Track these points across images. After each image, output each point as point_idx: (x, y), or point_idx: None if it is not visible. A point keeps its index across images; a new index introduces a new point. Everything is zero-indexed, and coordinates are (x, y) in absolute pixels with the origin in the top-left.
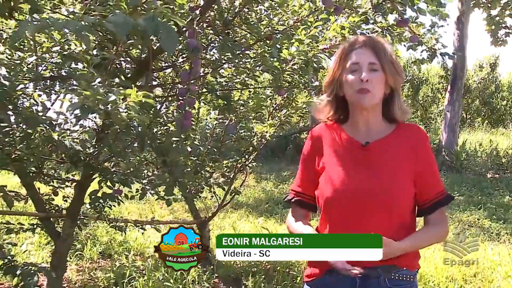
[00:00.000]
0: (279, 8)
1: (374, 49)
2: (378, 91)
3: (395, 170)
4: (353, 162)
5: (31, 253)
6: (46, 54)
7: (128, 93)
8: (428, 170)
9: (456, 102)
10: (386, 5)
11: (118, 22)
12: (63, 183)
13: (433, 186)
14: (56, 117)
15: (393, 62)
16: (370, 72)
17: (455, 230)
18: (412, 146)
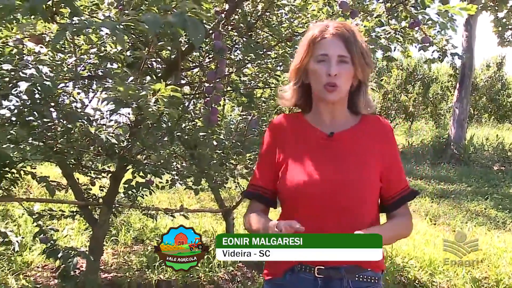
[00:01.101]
0: (299, 12)
1: (345, 40)
2: (345, 85)
3: (361, 161)
4: (317, 153)
5: (71, 238)
6: (84, 56)
7: (158, 88)
8: (394, 164)
9: (464, 99)
10: (399, 8)
11: (150, 20)
12: (100, 174)
13: (398, 181)
14: (93, 113)
15: (363, 53)
16: (339, 65)
17: (463, 219)
18: (378, 139)
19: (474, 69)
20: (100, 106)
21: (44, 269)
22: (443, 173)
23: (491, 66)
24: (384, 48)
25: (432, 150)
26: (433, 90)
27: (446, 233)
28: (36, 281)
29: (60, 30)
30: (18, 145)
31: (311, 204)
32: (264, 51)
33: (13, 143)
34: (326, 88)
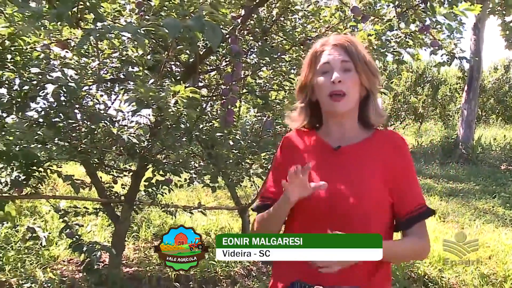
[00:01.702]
0: (312, 17)
1: (345, 48)
2: (353, 94)
3: (367, 176)
4: (323, 166)
5: (95, 234)
6: (107, 59)
7: (177, 89)
8: (407, 180)
9: (472, 100)
10: (409, 13)
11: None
12: (121, 173)
13: (411, 198)
14: (115, 114)
15: (367, 62)
16: (343, 73)
17: (471, 217)
18: (388, 154)
19: (482, 71)
20: (122, 108)
21: (70, 262)
22: (451, 172)
23: (499, 69)
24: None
25: (441, 150)
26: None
27: (454, 230)
28: (62, 274)
29: (85, 35)
30: (45, 145)
31: (312, 217)
32: (279, 55)
33: (41, 143)
34: (332, 98)
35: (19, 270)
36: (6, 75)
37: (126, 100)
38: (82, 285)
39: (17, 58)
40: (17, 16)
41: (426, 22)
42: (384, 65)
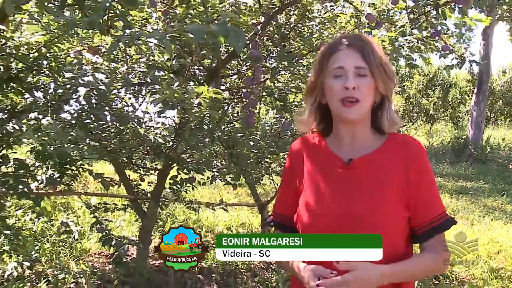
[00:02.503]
0: (328, 23)
1: (361, 50)
2: (367, 100)
3: (382, 191)
4: (332, 183)
5: (123, 228)
6: (135, 64)
7: (201, 90)
8: (424, 190)
9: (482, 102)
10: (421, 19)
11: (195, 29)
12: (148, 171)
13: (429, 209)
14: (142, 116)
15: (383, 64)
16: (357, 78)
17: (480, 214)
18: (404, 162)
19: (491, 75)
20: (149, 109)
21: (100, 255)
22: (461, 171)
23: (507, 72)
24: (407, 56)
25: (451, 150)
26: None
27: (464, 226)
28: (93, 266)
29: (114, 41)
30: (77, 145)
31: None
32: (297, 59)
33: (73, 144)
34: (344, 104)
35: (54, 262)
36: (42, 79)
37: (152, 102)
38: (112, 276)
39: (52, 64)
40: (53, 24)
41: (437, 27)
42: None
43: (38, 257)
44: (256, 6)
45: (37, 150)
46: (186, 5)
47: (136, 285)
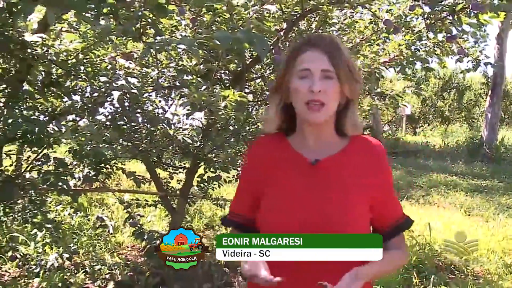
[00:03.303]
0: (347, 29)
1: (328, 52)
2: (333, 103)
3: (350, 192)
4: (300, 185)
5: (154, 223)
6: (164, 69)
7: (227, 94)
8: (387, 193)
9: (496, 104)
10: (437, 24)
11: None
12: (177, 170)
13: (392, 210)
14: (172, 117)
15: (350, 66)
16: (323, 80)
17: (495, 211)
18: (368, 164)
19: (505, 78)
20: (178, 112)
21: (133, 248)
22: (476, 170)
23: None
24: (423, 60)
25: (466, 150)
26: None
27: (479, 223)
28: (127, 258)
29: (146, 48)
30: (111, 145)
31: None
32: None
33: (107, 144)
34: (309, 107)
35: (90, 254)
36: (79, 84)
37: (181, 105)
38: (144, 268)
39: (89, 69)
40: (90, 32)
41: (453, 32)
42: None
43: (76, 249)
44: (279, 13)
45: (74, 149)
46: (213, 12)
47: (166, 277)
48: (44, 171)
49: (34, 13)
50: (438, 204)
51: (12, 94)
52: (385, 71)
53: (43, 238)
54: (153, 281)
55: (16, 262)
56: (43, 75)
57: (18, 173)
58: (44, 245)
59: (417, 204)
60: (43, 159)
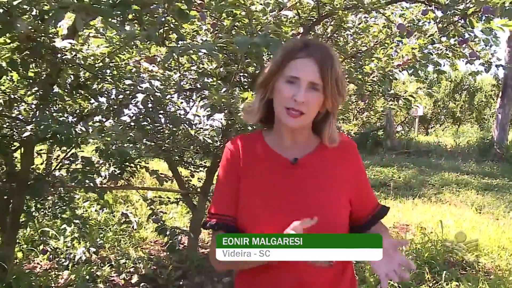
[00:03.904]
0: (362, 33)
1: (320, 64)
2: (312, 113)
3: (330, 188)
4: (279, 183)
5: (176, 220)
6: (186, 72)
7: (246, 96)
8: (362, 185)
9: (506, 105)
10: (449, 28)
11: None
12: (198, 168)
13: (368, 200)
14: (193, 118)
15: (337, 81)
16: (308, 91)
17: (505, 209)
18: (344, 161)
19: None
20: (199, 113)
21: (156, 243)
22: (487, 169)
23: None
24: (435, 63)
25: (477, 150)
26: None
27: (490, 221)
28: (150, 253)
29: (169, 52)
30: (135, 145)
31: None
32: None
33: (132, 143)
34: (288, 112)
35: (116, 248)
36: (105, 86)
37: (202, 106)
38: (166, 262)
39: (114, 72)
40: (115, 37)
41: (464, 35)
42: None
43: (102, 244)
44: (295, 18)
45: (101, 149)
46: (232, 18)
47: (187, 271)
48: (72, 169)
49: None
50: (450, 202)
51: (43, 96)
52: (398, 74)
53: (71, 233)
54: (175, 275)
55: (47, 255)
56: (72, 78)
57: (48, 171)
58: (73, 240)
59: (430, 202)
60: (71, 158)
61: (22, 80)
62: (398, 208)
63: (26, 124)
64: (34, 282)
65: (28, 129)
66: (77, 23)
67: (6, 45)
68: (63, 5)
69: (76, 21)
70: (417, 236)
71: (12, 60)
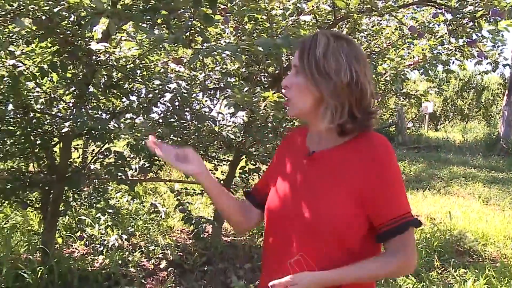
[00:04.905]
0: (375, 35)
1: (302, 46)
2: (300, 100)
3: (333, 187)
4: (297, 173)
5: (201, 210)
6: (211, 72)
7: (267, 95)
8: (382, 189)
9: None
10: (458, 30)
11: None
12: (221, 162)
13: (387, 209)
14: (217, 115)
15: (318, 62)
16: (292, 76)
17: (511, 201)
18: (364, 160)
19: None
20: (222, 110)
21: (182, 232)
22: (493, 163)
23: None
24: (444, 63)
25: (484, 145)
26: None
27: (496, 212)
28: (177, 240)
29: (195, 54)
30: (163, 140)
31: (277, 232)
32: None
33: (160, 139)
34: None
35: (145, 236)
36: (136, 86)
37: (226, 105)
38: (192, 249)
39: (144, 73)
40: (145, 40)
41: (473, 37)
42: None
43: (133, 232)
44: (313, 21)
45: (131, 144)
46: (254, 22)
47: (211, 257)
48: (106, 163)
49: (99, 24)
50: (458, 194)
51: (79, 95)
52: (410, 73)
53: (105, 221)
54: (200, 261)
55: (84, 241)
56: (106, 78)
57: (84, 164)
58: (106, 227)
59: (439, 194)
60: (105, 152)
61: (61, 80)
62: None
63: (64, 121)
64: (72, 265)
65: (66, 126)
66: (111, 27)
67: (48, 49)
68: (98, 11)
69: (109, 25)
70: (427, 226)
71: (52, 63)
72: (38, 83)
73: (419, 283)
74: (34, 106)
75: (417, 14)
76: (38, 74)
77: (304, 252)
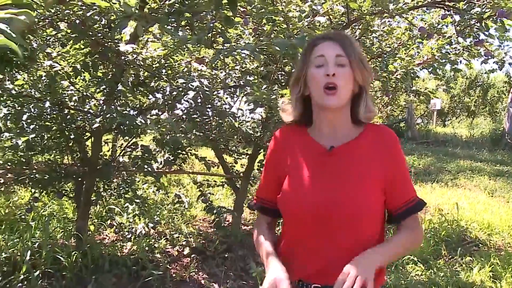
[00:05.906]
0: (386, 36)
1: (340, 42)
2: (346, 88)
3: (362, 178)
4: (316, 169)
5: (221, 200)
6: (231, 71)
7: (284, 92)
8: (398, 176)
9: None
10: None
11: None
12: (241, 156)
13: (403, 193)
14: (237, 112)
15: (360, 56)
16: (337, 67)
17: None
18: (381, 150)
19: None
20: (242, 107)
21: (204, 221)
22: (499, 157)
23: None
24: (452, 62)
25: (489, 140)
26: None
27: (501, 203)
28: (199, 229)
29: (216, 54)
30: (186, 135)
31: (305, 224)
32: None
33: (183, 133)
34: (325, 92)
35: (170, 224)
36: (161, 84)
37: (245, 102)
38: (213, 237)
39: (169, 72)
40: (170, 41)
41: (480, 37)
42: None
43: (158, 221)
44: (327, 23)
45: (157, 138)
46: (272, 23)
47: (231, 245)
48: (133, 156)
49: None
50: (465, 186)
51: (109, 93)
52: (419, 72)
53: (133, 211)
54: (221, 248)
55: (113, 229)
56: (133, 77)
57: (113, 157)
58: (134, 216)
59: (446, 186)
60: (132, 146)
61: (93, 79)
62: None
63: (95, 117)
64: (104, 251)
65: (97, 121)
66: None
67: (81, 50)
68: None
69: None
70: (435, 217)
71: (85, 63)
72: (72, 82)
73: (427, 270)
74: (68, 103)
75: (427, 16)
76: (72, 73)
77: (343, 241)
